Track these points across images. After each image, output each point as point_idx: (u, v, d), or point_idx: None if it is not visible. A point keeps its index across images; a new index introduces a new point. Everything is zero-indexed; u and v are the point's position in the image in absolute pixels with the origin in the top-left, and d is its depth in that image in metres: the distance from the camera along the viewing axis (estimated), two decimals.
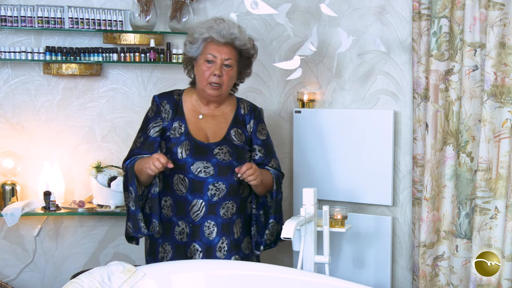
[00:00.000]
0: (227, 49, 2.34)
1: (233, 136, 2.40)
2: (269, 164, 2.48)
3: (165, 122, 2.39)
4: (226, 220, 2.34)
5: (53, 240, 3.18)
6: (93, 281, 2.05)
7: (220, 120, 2.43)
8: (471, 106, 2.46)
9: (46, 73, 3.08)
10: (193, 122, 2.39)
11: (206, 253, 2.33)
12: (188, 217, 2.33)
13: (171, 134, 2.36)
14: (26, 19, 2.95)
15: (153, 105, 2.44)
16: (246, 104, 2.51)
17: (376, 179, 2.84)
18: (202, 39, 2.35)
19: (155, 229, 2.33)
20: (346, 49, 2.70)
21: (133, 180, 2.30)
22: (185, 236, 2.34)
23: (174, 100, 2.43)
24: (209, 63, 2.33)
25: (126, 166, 2.36)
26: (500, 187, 2.38)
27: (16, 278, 3.14)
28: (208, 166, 2.31)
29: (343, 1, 2.93)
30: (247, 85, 3.29)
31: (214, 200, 2.32)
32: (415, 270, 2.72)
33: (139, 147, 2.39)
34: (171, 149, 2.33)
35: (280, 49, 3.17)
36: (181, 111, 2.41)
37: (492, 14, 2.34)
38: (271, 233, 2.42)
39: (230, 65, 2.36)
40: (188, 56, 2.41)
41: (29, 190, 3.11)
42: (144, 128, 2.41)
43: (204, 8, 3.29)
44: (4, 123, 3.09)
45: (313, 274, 2.26)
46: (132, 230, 2.35)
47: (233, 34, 2.33)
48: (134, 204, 2.31)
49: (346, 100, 2.99)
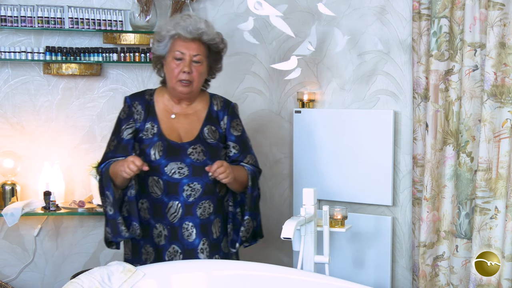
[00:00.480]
0: (195, 45, 2.30)
1: (207, 134, 2.37)
2: (244, 161, 2.43)
3: (138, 123, 2.34)
4: (204, 220, 2.31)
5: (53, 240, 3.18)
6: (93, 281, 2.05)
7: (193, 119, 2.39)
8: (471, 106, 2.46)
9: (46, 73, 3.08)
10: (165, 122, 2.36)
11: (187, 256, 2.30)
12: (166, 220, 2.29)
13: (144, 135, 2.33)
14: (26, 19, 2.96)
15: (124, 106, 2.40)
16: (219, 100, 2.46)
17: (376, 179, 2.84)
18: (169, 36, 2.31)
19: (135, 232, 2.28)
20: (341, 49, 2.70)
21: (109, 184, 2.26)
22: (163, 238, 2.30)
23: (146, 100, 2.39)
24: (178, 60, 2.29)
25: (101, 170, 2.31)
26: (500, 187, 2.38)
27: (16, 278, 3.15)
28: (182, 167, 2.28)
29: (342, 1, 2.93)
30: (247, 85, 3.29)
31: (190, 200, 2.28)
32: (415, 270, 2.72)
33: (113, 150, 2.35)
34: (144, 151, 2.30)
35: (280, 49, 3.17)
36: (153, 111, 2.37)
37: (492, 14, 2.33)
38: (247, 230, 2.38)
39: (199, 61, 2.31)
40: (156, 54, 2.36)
41: (29, 190, 3.12)
42: (117, 131, 2.37)
43: (204, 8, 3.29)
44: (4, 123, 3.09)
45: (313, 274, 2.26)
46: (111, 235, 2.30)
47: (200, 29, 2.29)
48: (112, 209, 2.26)
49: (346, 100, 2.99)
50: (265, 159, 3.29)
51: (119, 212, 2.27)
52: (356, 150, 2.88)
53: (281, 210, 3.27)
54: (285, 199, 3.25)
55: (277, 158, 3.26)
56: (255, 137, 3.31)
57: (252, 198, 2.40)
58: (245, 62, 3.29)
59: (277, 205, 3.28)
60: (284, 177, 3.25)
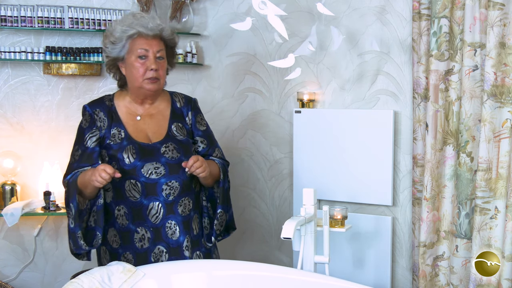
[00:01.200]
0: (156, 41, 2.27)
1: (175, 131, 2.34)
2: (213, 154, 2.42)
3: (102, 131, 2.29)
4: (185, 217, 2.30)
5: (53, 240, 3.18)
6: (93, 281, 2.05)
7: (159, 118, 2.36)
8: (471, 106, 2.46)
9: (46, 73, 3.08)
10: (131, 125, 2.31)
11: (172, 254, 2.28)
12: (147, 222, 2.26)
13: (111, 141, 2.27)
14: (26, 19, 2.96)
15: (85, 115, 2.33)
16: (180, 96, 2.44)
17: (376, 179, 2.84)
18: (126, 36, 2.24)
19: (98, 243, 2.26)
20: (337, 47, 2.71)
21: (74, 196, 2.22)
22: (147, 241, 2.28)
23: (107, 106, 2.33)
24: (142, 58, 2.24)
25: (68, 181, 2.27)
26: (500, 187, 2.38)
27: (16, 278, 3.14)
28: (158, 167, 2.25)
29: (343, 1, 2.93)
30: (247, 85, 3.29)
31: (170, 199, 2.26)
32: (415, 270, 2.72)
33: (78, 160, 2.29)
34: (115, 156, 2.25)
35: (280, 49, 3.17)
36: (117, 116, 2.31)
37: (492, 14, 2.34)
38: (220, 223, 2.37)
39: (162, 56, 2.28)
40: (112, 57, 2.29)
41: (29, 190, 3.11)
42: (80, 140, 2.31)
43: (204, 8, 3.29)
44: (4, 123, 3.09)
45: (313, 274, 2.26)
46: (73, 247, 2.27)
47: (159, 25, 2.27)
48: (73, 222, 2.23)
49: (346, 100, 2.99)
50: (265, 159, 3.29)
51: (79, 226, 2.23)
52: (356, 150, 2.88)
53: (281, 210, 3.27)
54: (285, 199, 3.25)
55: (277, 158, 3.26)
56: (255, 137, 3.31)
57: (224, 191, 2.39)
58: (245, 62, 3.29)
59: (277, 205, 3.28)
60: (284, 177, 3.25)
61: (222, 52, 3.33)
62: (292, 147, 3.13)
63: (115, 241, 2.31)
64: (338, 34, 2.70)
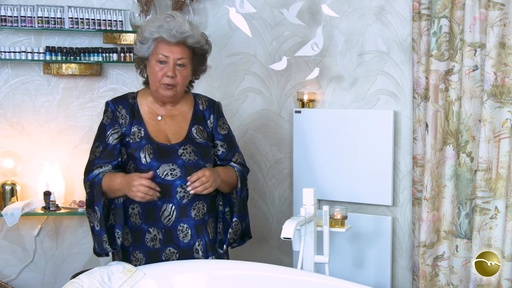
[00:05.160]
0: (179, 48, 2.24)
1: (195, 134, 2.33)
2: (233, 159, 2.41)
3: (123, 128, 2.29)
4: (198, 221, 2.28)
5: (53, 240, 3.18)
6: (93, 281, 2.05)
7: (180, 119, 2.35)
8: (471, 106, 2.46)
9: (46, 73, 3.08)
10: (152, 125, 2.31)
11: (183, 256, 2.28)
12: (160, 223, 2.26)
13: (131, 139, 2.27)
14: (26, 19, 2.96)
15: (107, 111, 2.33)
16: (203, 99, 2.42)
17: (376, 179, 2.84)
18: (152, 39, 2.24)
19: (118, 243, 2.26)
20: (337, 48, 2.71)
21: (100, 199, 2.22)
22: (158, 242, 2.27)
23: (129, 104, 2.33)
24: (162, 63, 2.24)
25: (91, 182, 2.26)
26: (500, 187, 2.38)
27: (16, 278, 3.14)
28: (174, 168, 2.24)
29: (343, 1, 2.93)
30: (247, 85, 3.29)
31: (184, 202, 2.25)
32: (415, 270, 2.72)
33: (98, 156, 2.28)
34: (133, 155, 2.25)
35: (280, 49, 3.17)
36: (138, 114, 2.32)
37: (492, 14, 2.34)
38: (235, 232, 2.36)
39: (183, 64, 2.26)
40: (139, 56, 2.31)
41: (29, 190, 3.12)
42: (101, 137, 2.30)
43: (204, 8, 3.29)
44: (4, 123, 3.09)
45: (313, 274, 2.26)
46: (98, 249, 2.27)
47: (184, 33, 2.23)
48: (99, 225, 2.23)
49: (346, 100, 2.99)
50: (265, 159, 3.29)
51: (105, 229, 2.24)
52: (356, 150, 2.88)
53: (281, 210, 3.27)
54: (285, 199, 3.25)
55: (277, 158, 3.26)
56: (255, 137, 3.31)
57: (241, 200, 2.38)
58: (245, 62, 3.29)
59: (277, 205, 3.28)
60: (284, 177, 3.25)
61: (222, 52, 3.32)
62: (292, 147, 3.13)
63: (127, 239, 2.31)
64: (338, 34, 2.70)
